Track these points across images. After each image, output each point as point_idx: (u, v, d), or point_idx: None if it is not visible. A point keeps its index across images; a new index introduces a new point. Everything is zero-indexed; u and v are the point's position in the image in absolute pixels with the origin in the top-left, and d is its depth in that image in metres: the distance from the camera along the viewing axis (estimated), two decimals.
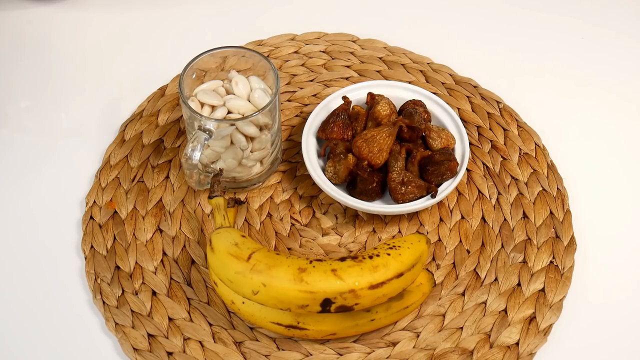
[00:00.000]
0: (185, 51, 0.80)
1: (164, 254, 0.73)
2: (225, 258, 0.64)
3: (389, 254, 0.64)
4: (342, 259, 0.64)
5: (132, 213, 0.75)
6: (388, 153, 0.73)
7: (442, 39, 0.91)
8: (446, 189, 0.72)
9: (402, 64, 0.87)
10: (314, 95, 0.84)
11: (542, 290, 0.71)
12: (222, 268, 0.64)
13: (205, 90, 0.72)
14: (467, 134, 0.77)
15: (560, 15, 0.94)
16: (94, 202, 0.76)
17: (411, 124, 0.73)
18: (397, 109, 0.78)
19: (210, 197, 0.70)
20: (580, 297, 0.71)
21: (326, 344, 0.68)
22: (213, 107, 0.71)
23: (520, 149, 0.80)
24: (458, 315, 0.70)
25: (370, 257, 0.64)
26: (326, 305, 0.62)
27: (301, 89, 0.85)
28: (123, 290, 0.70)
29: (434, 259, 0.73)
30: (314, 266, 0.63)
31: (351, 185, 0.74)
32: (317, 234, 0.75)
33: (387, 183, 0.72)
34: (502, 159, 0.79)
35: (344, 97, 0.77)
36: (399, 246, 0.65)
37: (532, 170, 0.78)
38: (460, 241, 0.74)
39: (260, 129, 0.71)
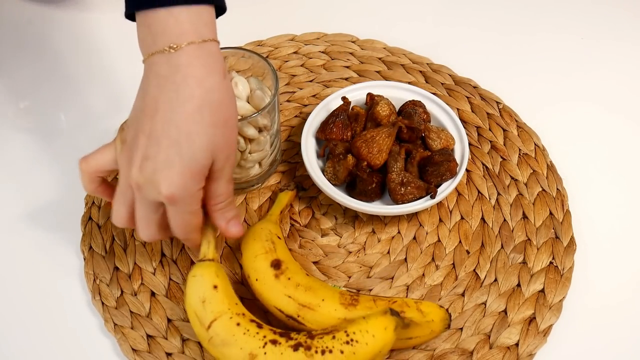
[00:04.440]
0: None
1: (163, 254, 0.73)
2: (192, 316, 0.63)
3: (342, 352, 0.60)
4: (296, 347, 0.61)
5: None
6: (387, 154, 0.73)
7: (442, 40, 0.91)
8: (445, 189, 0.72)
9: (401, 65, 0.87)
10: (314, 96, 0.84)
11: (542, 290, 0.71)
12: (191, 321, 0.63)
13: None
14: (467, 134, 0.77)
15: (560, 16, 0.94)
16: (93, 202, 0.76)
17: (410, 125, 0.73)
18: (397, 110, 0.78)
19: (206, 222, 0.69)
20: (579, 298, 0.71)
21: None
22: None
23: (519, 149, 0.80)
24: (458, 316, 0.70)
25: (323, 353, 0.60)
26: None
27: (300, 89, 0.85)
28: (122, 291, 0.70)
29: (433, 259, 0.73)
30: (265, 353, 0.61)
31: (350, 186, 0.74)
32: (316, 235, 0.75)
33: (387, 184, 0.72)
34: (501, 160, 0.79)
35: (344, 98, 0.77)
36: (357, 341, 0.60)
37: (532, 171, 0.78)
38: (460, 242, 0.74)
39: (260, 130, 0.71)
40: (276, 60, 0.87)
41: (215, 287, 0.63)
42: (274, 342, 0.61)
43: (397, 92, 0.79)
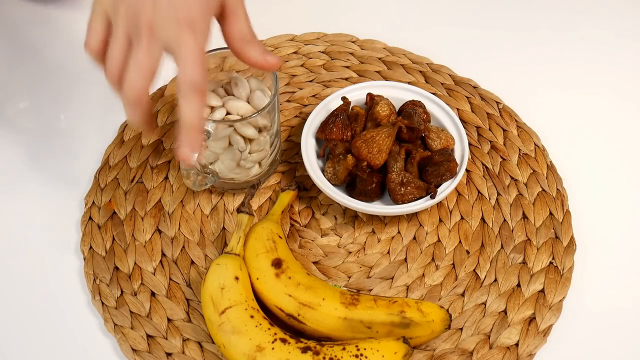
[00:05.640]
0: None
1: (163, 254, 0.73)
2: (206, 299, 0.64)
3: None
4: (305, 350, 0.62)
5: (131, 214, 0.75)
6: (387, 154, 0.73)
7: (442, 39, 0.91)
8: (445, 189, 0.72)
9: (401, 65, 0.87)
10: (314, 96, 0.84)
11: (542, 291, 0.71)
12: (203, 305, 0.65)
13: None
14: (467, 134, 0.77)
15: (560, 16, 0.94)
16: (93, 202, 0.76)
17: (410, 125, 0.73)
18: (397, 110, 0.78)
19: (238, 211, 0.69)
20: (579, 298, 0.71)
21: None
22: (212, 108, 0.71)
23: (519, 149, 0.80)
24: (458, 316, 0.70)
25: None
26: None
27: (300, 89, 0.85)
28: (122, 291, 0.70)
29: (433, 259, 0.73)
30: (273, 348, 0.62)
31: (350, 186, 0.74)
32: (316, 235, 0.75)
33: (387, 184, 0.72)
34: (501, 160, 0.79)
35: (344, 98, 0.77)
36: (367, 357, 0.61)
37: (532, 171, 0.78)
38: (460, 242, 0.74)
39: (260, 130, 0.71)
40: None
41: (236, 278, 0.65)
42: (283, 340, 0.62)
43: (397, 92, 0.79)
